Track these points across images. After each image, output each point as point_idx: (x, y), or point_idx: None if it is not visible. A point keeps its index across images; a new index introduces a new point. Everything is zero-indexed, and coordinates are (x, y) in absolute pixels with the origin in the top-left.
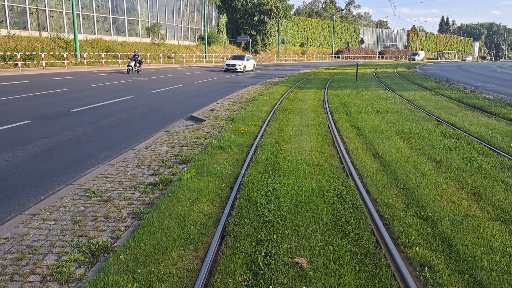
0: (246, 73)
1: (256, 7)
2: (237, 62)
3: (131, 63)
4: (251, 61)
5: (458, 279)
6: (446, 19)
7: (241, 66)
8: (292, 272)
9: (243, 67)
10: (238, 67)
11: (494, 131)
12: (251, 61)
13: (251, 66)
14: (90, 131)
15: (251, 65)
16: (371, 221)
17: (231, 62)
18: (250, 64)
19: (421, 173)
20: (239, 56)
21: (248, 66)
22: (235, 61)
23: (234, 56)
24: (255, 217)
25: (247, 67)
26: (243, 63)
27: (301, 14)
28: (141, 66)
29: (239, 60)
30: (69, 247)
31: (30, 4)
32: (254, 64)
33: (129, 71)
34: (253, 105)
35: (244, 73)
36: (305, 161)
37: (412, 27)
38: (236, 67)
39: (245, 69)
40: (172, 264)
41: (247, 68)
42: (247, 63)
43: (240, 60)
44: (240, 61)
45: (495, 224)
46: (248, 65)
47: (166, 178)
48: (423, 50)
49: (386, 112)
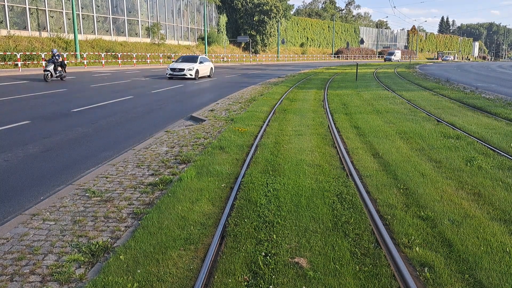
0: (200, 80)
1: (256, 7)
2: (186, 65)
3: (49, 66)
4: (207, 64)
5: (458, 279)
6: (446, 19)
7: (191, 71)
8: (292, 272)
9: (195, 72)
10: (188, 72)
11: (494, 131)
12: (207, 64)
13: (207, 71)
14: (90, 131)
15: (207, 69)
16: (371, 221)
17: (177, 65)
18: (206, 68)
19: (421, 173)
20: (190, 57)
21: (202, 71)
22: (184, 64)
23: (184, 57)
24: (255, 217)
25: (201, 72)
26: (194, 66)
27: (301, 14)
28: (65, 70)
29: (189, 63)
30: (69, 247)
31: (30, 4)
32: (212, 68)
33: (46, 77)
34: (253, 105)
35: (196, 80)
36: (305, 161)
37: (412, 27)
38: (185, 72)
39: (198, 74)
40: (172, 264)
41: (202, 73)
42: (200, 67)
43: (190, 63)
44: (190, 64)
45: (495, 224)
46: (203, 70)
47: (166, 178)
48: (399, 50)
49: (386, 112)
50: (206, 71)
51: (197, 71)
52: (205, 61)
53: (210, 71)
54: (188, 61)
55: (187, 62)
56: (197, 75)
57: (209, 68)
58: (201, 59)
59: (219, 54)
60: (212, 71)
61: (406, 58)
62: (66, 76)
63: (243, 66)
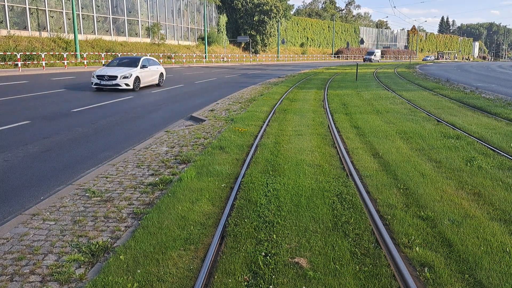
0: (143, 92)
1: (256, 7)
2: (120, 71)
3: None
4: (153, 69)
5: (458, 279)
6: (446, 19)
7: (128, 80)
8: (292, 272)
9: (134, 81)
10: (123, 81)
11: (494, 131)
12: (154, 68)
13: (154, 78)
14: (90, 131)
15: (154, 75)
16: (371, 221)
17: (107, 71)
18: (152, 75)
19: (421, 173)
20: (128, 59)
21: (146, 78)
22: (118, 69)
23: (120, 59)
24: (255, 217)
25: (145, 80)
26: (132, 72)
27: (301, 14)
28: None
29: (126, 68)
30: (69, 247)
31: (30, 4)
32: (163, 74)
33: None
34: (253, 105)
35: (136, 91)
36: (305, 161)
37: (412, 27)
38: (118, 81)
39: (139, 83)
40: (172, 264)
41: (145, 82)
42: (143, 73)
43: (127, 68)
44: (126, 70)
45: (495, 224)
46: (147, 76)
47: (166, 178)
48: (379, 49)
49: (386, 112)
50: (153, 79)
51: (137, 79)
52: (151, 64)
53: (160, 77)
54: (125, 64)
55: (123, 66)
56: (137, 85)
57: (157, 74)
58: (144, 62)
59: (219, 54)
60: (162, 78)
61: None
62: None
63: (243, 66)
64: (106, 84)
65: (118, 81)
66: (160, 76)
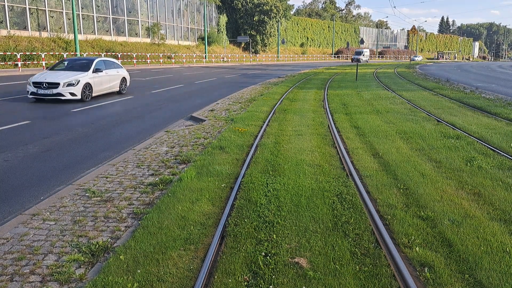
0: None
1: (256, 7)
2: (65, 76)
3: None
4: (112, 73)
5: (458, 279)
6: (446, 19)
7: (73, 88)
8: (292, 272)
9: (83, 89)
10: (66, 90)
11: (494, 131)
12: (114, 73)
13: (114, 84)
14: (90, 131)
15: (113, 81)
16: (371, 221)
17: (48, 76)
18: (110, 80)
19: (421, 173)
20: (79, 61)
21: (101, 85)
22: (62, 74)
23: (69, 61)
24: (255, 217)
25: (100, 87)
26: (81, 78)
27: (301, 14)
28: None
29: (73, 73)
30: (69, 247)
31: (30, 4)
32: (125, 79)
33: None
34: (253, 105)
35: (86, 102)
36: (305, 161)
37: (412, 27)
38: (60, 89)
39: (90, 92)
40: (172, 264)
41: (100, 90)
42: (97, 78)
43: (75, 73)
44: (74, 75)
45: (495, 224)
46: (102, 83)
47: (166, 178)
48: (367, 48)
49: (386, 112)
50: (111, 85)
51: (87, 86)
52: (109, 67)
53: (121, 83)
54: (74, 68)
55: (72, 70)
56: (88, 94)
57: (117, 79)
58: (99, 65)
59: (219, 54)
60: (125, 83)
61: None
62: None
63: (243, 66)
64: (44, 94)
65: (61, 89)
66: (122, 81)
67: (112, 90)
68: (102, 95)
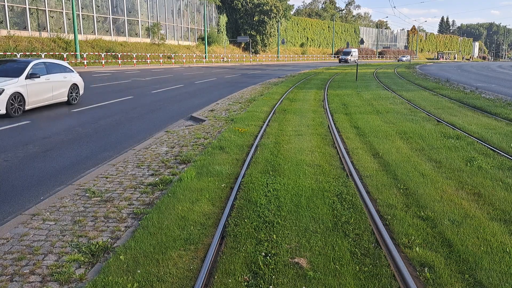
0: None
1: (256, 7)
2: None
3: None
4: (56, 78)
5: (458, 279)
6: (446, 19)
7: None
8: (292, 272)
9: (7, 102)
10: None
11: (494, 131)
12: (59, 78)
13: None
14: (90, 131)
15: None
16: (371, 221)
17: None
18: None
19: (421, 173)
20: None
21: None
22: None
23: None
24: (255, 217)
25: (38, 97)
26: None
27: (301, 14)
28: None
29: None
30: (69, 247)
31: (30, 5)
32: (77, 86)
33: None
34: (253, 105)
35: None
36: (305, 161)
37: (412, 27)
38: None
39: (23, 103)
40: (172, 264)
41: (37, 101)
42: (30, 86)
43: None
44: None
45: (495, 224)
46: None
47: (166, 178)
48: (356, 48)
49: (386, 112)
50: (56, 94)
51: (18, 97)
52: (51, 71)
53: (71, 91)
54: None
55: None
56: (17, 107)
57: (65, 87)
58: (36, 69)
59: (219, 54)
60: (77, 91)
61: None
62: None
63: (243, 66)
64: None
65: None
66: (71, 89)
67: (57, 100)
68: (43, 106)
